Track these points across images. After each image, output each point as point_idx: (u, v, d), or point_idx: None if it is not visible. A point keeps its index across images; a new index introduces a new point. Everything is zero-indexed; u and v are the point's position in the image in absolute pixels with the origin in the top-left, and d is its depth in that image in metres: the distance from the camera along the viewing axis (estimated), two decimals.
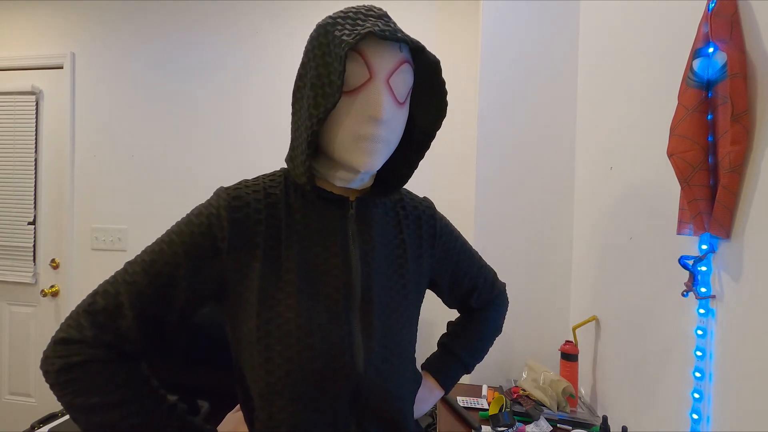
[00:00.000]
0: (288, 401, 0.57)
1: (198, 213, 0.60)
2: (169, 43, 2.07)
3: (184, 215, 0.61)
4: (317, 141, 0.60)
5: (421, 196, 0.79)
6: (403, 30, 0.63)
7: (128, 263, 0.59)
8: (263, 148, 2.00)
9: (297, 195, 0.64)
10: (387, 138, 0.59)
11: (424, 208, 0.76)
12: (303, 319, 0.58)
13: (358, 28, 0.54)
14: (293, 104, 0.63)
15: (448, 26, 1.89)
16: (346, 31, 0.54)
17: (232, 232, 0.58)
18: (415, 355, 0.72)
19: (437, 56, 0.61)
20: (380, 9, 0.60)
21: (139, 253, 0.59)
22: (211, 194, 0.62)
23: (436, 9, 1.90)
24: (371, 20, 0.56)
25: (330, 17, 0.58)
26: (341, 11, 0.59)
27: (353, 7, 0.59)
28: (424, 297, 0.75)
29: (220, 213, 0.59)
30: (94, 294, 0.56)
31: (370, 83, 0.56)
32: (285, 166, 0.70)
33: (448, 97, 0.64)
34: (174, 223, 0.61)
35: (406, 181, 0.68)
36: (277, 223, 0.61)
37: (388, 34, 0.54)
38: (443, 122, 0.65)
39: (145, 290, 0.56)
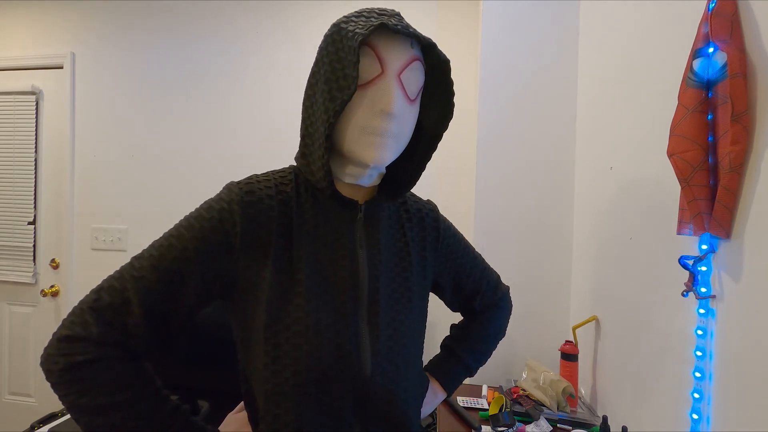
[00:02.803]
0: (294, 402, 0.57)
1: (208, 207, 0.59)
2: (169, 42, 2.07)
3: (192, 210, 0.60)
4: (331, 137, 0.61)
5: (422, 196, 0.79)
6: None
7: (135, 258, 0.57)
8: (264, 147, 2.00)
9: (307, 195, 0.64)
10: (397, 133, 0.59)
11: (428, 210, 0.76)
12: (312, 319, 0.58)
13: (372, 21, 0.56)
14: (305, 102, 0.63)
15: (448, 26, 1.89)
16: (360, 26, 0.55)
17: (244, 227, 0.58)
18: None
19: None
20: (393, 10, 0.61)
21: (145, 247, 0.58)
22: (221, 189, 0.61)
23: (436, 9, 1.90)
24: (384, 17, 0.57)
25: (345, 16, 0.59)
26: (355, 11, 0.60)
27: (367, 8, 0.60)
28: (428, 300, 0.75)
29: (232, 208, 0.58)
30: (99, 290, 0.55)
31: (381, 77, 0.57)
32: (292, 164, 0.69)
33: None
34: (182, 218, 0.60)
35: (414, 184, 0.68)
36: (288, 222, 0.61)
37: (401, 28, 0.55)
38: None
39: (154, 286, 0.55)
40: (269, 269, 0.58)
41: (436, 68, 0.62)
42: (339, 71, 0.55)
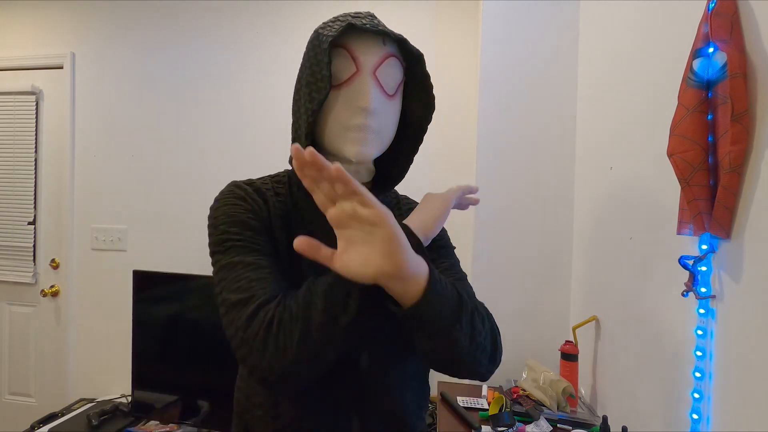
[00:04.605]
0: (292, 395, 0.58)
1: (227, 195, 0.61)
2: (169, 42, 2.07)
3: (209, 222, 0.60)
4: (314, 136, 0.63)
5: (422, 197, 0.79)
6: (403, 30, 0.66)
7: (224, 279, 0.55)
8: (264, 147, 2.00)
9: (300, 194, 0.66)
10: (377, 128, 0.61)
11: None
12: None
13: (344, 24, 0.59)
14: (293, 106, 0.66)
15: (448, 26, 1.89)
16: (333, 29, 0.59)
17: (266, 212, 0.61)
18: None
19: (438, 56, 0.63)
20: (368, 12, 0.64)
21: (222, 276, 0.56)
22: (224, 187, 0.63)
23: (436, 9, 1.90)
24: (357, 19, 0.60)
25: (323, 22, 0.63)
26: (333, 17, 0.63)
27: (344, 13, 0.64)
28: None
29: (252, 197, 0.61)
30: (234, 304, 0.53)
31: (357, 76, 0.60)
32: (287, 166, 0.71)
33: (449, 97, 0.65)
34: (212, 229, 0.59)
35: (402, 177, 0.70)
36: (288, 220, 0.64)
37: (369, 26, 0.58)
38: (443, 121, 0.66)
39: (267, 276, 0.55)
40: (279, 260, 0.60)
41: (413, 63, 0.64)
42: (317, 73, 0.58)
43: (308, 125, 0.59)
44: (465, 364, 0.56)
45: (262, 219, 0.60)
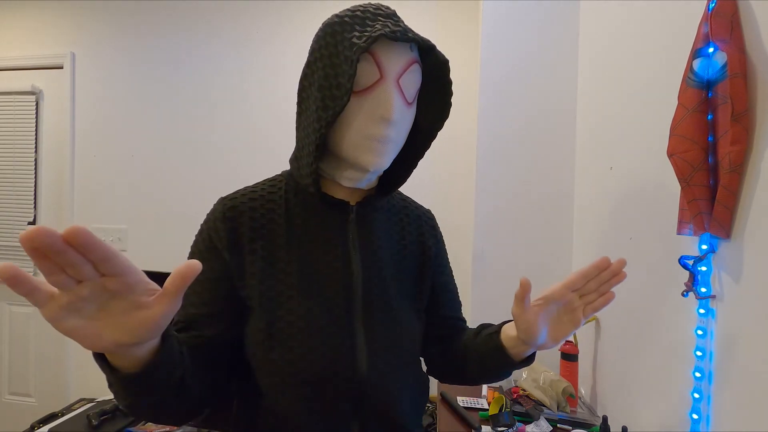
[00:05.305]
0: (291, 401, 0.58)
1: (201, 231, 0.63)
2: (169, 43, 2.07)
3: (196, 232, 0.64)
4: (325, 141, 0.60)
5: (422, 198, 0.80)
6: None
7: None
8: (263, 147, 2.00)
9: (297, 200, 0.64)
10: (396, 138, 0.59)
11: (427, 219, 0.77)
12: (304, 321, 0.58)
13: (368, 29, 0.54)
14: (298, 104, 0.63)
15: (448, 26, 1.89)
16: (356, 33, 0.54)
17: (229, 241, 0.60)
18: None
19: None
20: (388, 7, 0.59)
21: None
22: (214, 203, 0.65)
23: (436, 9, 1.90)
24: (380, 20, 0.56)
25: (337, 16, 0.57)
26: (348, 10, 0.58)
27: (361, 6, 0.58)
28: (426, 302, 0.73)
29: (216, 225, 0.61)
30: None
31: (380, 83, 0.56)
32: (287, 167, 0.70)
33: None
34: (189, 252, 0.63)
35: (405, 180, 0.68)
36: (277, 228, 0.62)
37: (399, 35, 0.53)
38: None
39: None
40: (257, 276, 0.59)
41: (434, 68, 0.62)
42: (332, 79, 0.54)
43: (320, 136, 0.55)
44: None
45: (216, 255, 0.59)
